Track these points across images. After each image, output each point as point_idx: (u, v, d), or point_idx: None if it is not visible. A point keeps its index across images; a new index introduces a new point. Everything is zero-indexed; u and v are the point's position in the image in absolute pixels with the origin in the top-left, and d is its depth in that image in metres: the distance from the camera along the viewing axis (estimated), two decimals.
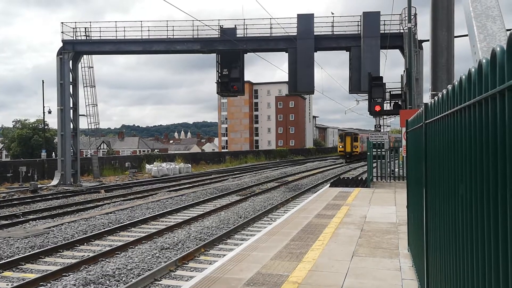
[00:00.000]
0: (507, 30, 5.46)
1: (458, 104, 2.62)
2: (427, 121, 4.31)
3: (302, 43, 27.96)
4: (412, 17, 21.38)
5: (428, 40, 11.37)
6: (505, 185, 1.72)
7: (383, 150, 21.94)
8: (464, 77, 2.46)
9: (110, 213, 16.44)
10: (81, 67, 32.08)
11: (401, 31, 25.90)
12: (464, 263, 2.55)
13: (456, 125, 2.73)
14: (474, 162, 2.25)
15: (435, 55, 10.57)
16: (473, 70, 2.25)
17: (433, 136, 3.96)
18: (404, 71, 23.98)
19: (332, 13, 29.90)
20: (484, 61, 2.02)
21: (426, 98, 20.99)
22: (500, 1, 5.64)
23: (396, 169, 22.46)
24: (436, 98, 3.65)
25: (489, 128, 1.95)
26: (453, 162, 2.89)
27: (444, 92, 3.15)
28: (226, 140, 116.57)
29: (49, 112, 45.83)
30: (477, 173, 2.19)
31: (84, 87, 32.64)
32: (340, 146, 57.39)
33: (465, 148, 2.47)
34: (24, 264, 9.83)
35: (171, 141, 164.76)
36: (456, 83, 2.68)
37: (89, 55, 32.41)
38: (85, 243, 11.81)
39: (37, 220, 15.43)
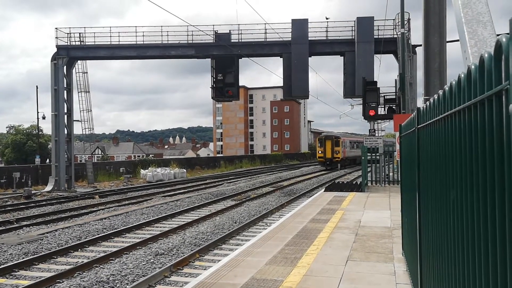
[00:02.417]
0: (498, 35, 5.51)
1: (448, 110, 2.65)
2: (420, 126, 4.34)
3: (297, 48, 28.07)
4: (405, 22, 21.52)
5: (421, 45, 11.46)
6: (494, 189, 1.74)
7: (377, 154, 22.00)
8: (454, 82, 2.49)
9: (105, 219, 16.37)
10: (76, 72, 32.05)
11: (395, 36, 26.06)
12: (456, 267, 2.56)
13: (447, 130, 2.75)
14: (464, 167, 2.27)
15: (428, 60, 10.65)
16: (462, 76, 2.27)
17: (425, 141, 3.99)
18: (398, 75, 24.10)
19: (327, 18, 30.00)
20: (472, 67, 2.04)
21: (420, 103, 21.08)
22: (491, 7, 5.69)
23: (391, 173, 22.52)
24: (428, 103, 3.68)
25: (478, 134, 1.97)
26: (444, 167, 2.92)
27: (435, 97, 3.18)
28: (221, 145, 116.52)
29: (43, 117, 45.66)
30: (467, 178, 2.21)
31: (78, 92, 32.61)
32: (319, 152, 49.89)
33: (456, 153, 2.49)
34: (18, 271, 9.77)
35: (166, 146, 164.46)
36: (447, 88, 2.71)
37: (84, 61, 32.37)
38: (79, 249, 11.76)
39: (31, 226, 15.34)
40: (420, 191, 4.48)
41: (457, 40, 7.03)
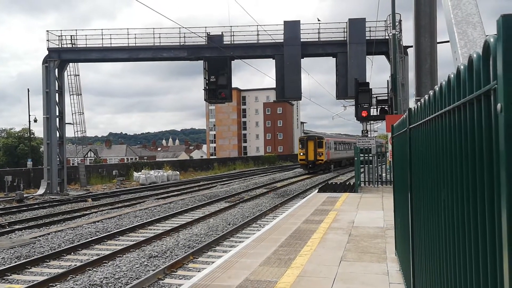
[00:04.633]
0: (487, 36, 5.56)
1: (438, 110, 2.67)
2: (411, 126, 4.37)
3: (289, 50, 28.13)
4: (396, 23, 21.64)
5: (413, 46, 11.54)
6: (483, 188, 1.76)
7: (370, 155, 22.09)
8: (444, 83, 2.51)
9: (98, 221, 16.30)
10: (67, 75, 31.91)
11: (387, 37, 26.20)
12: (447, 266, 2.58)
13: (437, 130, 2.78)
14: (455, 167, 2.29)
15: (419, 61, 10.73)
16: (452, 76, 2.30)
17: (416, 141, 4.02)
18: (390, 76, 24.23)
19: (319, 20, 30.12)
20: (462, 67, 2.07)
21: (412, 103, 21.20)
22: (480, 8, 5.75)
23: (384, 174, 22.62)
24: (419, 103, 3.71)
25: (467, 133, 1.99)
26: (435, 167, 2.94)
27: (426, 98, 3.21)
28: (215, 147, 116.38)
29: (35, 120, 45.40)
30: (458, 177, 2.23)
31: (70, 95, 32.48)
32: (301, 154, 45.20)
33: (446, 152, 2.51)
34: (10, 275, 9.70)
35: (159, 149, 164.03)
36: (437, 89, 2.73)
37: (75, 63, 32.24)
38: (72, 253, 11.69)
39: (23, 230, 15.23)
40: (412, 191, 4.50)
41: (448, 41, 7.10)
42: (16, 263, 10.37)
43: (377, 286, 6.21)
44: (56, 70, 30.29)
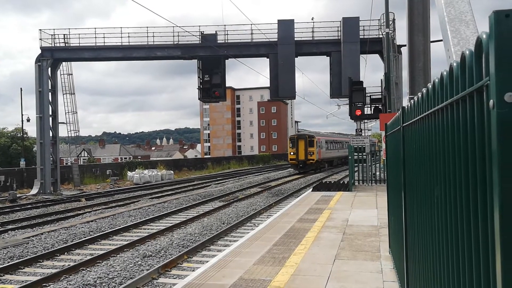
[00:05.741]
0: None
1: (431, 107, 2.67)
2: (405, 124, 4.38)
3: (283, 49, 28.14)
4: (390, 22, 21.69)
5: (406, 45, 11.58)
6: (476, 185, 1.76)
7: (364, 153, 22.14)
8: (437, 80, 2.51)
9: (91, 221, 16.23)
10: (60, 74, 31.72)
11: (380, 36, 26.27)
12: (441, 264, 2.59)
13: (430, 128, 2.78)
14: (448, 164, 2.29)
15: (412, 59, 10.76)
16: (445, 73, 2.30)
17: (410, 139, 4.02)
18: (383, 75, 24.28)
19: (312, 19, 30.31)
20: (454, 64, 2.07)
21: (406, 102, 21.24)
22: (475, 6, 5.77)
23: (377, 173, 22.68)
24: (412, 101, 3.71)
25: (460, 130, 1.99)
26: (428, 164, 2.94)
27: (419, 95, 3.21)
28: (209, 146, 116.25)
29: (28, 120, 45.09)
30: (451, 175, 2.23)
31: (63, 94, 32.26)
32: (291, 153, 43.04)
33: (439, 150, 2.51)
34: (3, 275, 9.64)
35: (153, 148, 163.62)
36: (430, 86, 2.73)
37: (68, 62, 32.08)
38: (66, 253, 11.63)
39: (16, 230, 15.14)
40: (405, 189, 4.51)
41: (441, 40, 7.12)
42: (9, 263, 10.30)
43: (371, 284, 6.22)
44: (49, 69, 30.12)
